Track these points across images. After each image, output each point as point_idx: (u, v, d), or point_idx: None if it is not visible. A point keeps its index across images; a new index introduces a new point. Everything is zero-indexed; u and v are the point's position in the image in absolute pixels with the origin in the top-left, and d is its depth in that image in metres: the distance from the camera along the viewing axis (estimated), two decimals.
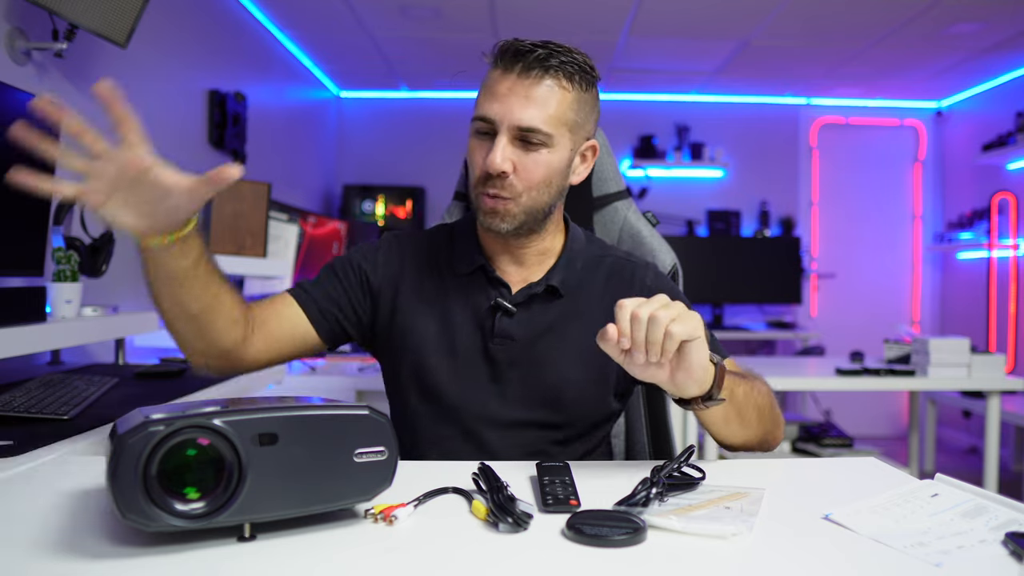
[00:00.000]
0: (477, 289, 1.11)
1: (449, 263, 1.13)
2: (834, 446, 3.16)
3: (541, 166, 1.02)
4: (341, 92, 5.00)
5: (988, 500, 0.78)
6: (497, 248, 1.11)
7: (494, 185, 1.01)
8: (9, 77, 1.78)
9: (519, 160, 1.01)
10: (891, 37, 3.75)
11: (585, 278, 1.13)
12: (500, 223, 1.03)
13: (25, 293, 1.64)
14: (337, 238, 3.89)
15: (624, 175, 5.04)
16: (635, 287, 1.13)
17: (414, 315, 1.11)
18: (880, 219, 5.19)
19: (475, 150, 1.03)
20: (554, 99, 1.00)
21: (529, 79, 0.99)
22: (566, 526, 0.69)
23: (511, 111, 0.98)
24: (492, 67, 1.02)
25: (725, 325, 4.75)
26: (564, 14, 3.53)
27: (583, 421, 1.11)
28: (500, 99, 0.99)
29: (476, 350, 1.08)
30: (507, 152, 0.99)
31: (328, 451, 0.69)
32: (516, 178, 1.01)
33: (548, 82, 0.99)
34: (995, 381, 2.82)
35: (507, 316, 1.08)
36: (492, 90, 1.00)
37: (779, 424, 1.05)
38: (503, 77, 1.00)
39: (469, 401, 1.08)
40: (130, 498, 0.62)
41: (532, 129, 0.99)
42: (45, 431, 1.16)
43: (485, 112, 1.00)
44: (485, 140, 1.02)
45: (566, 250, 1.13)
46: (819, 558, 0.66)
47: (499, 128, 0.99)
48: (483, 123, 1.01)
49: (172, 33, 2.69)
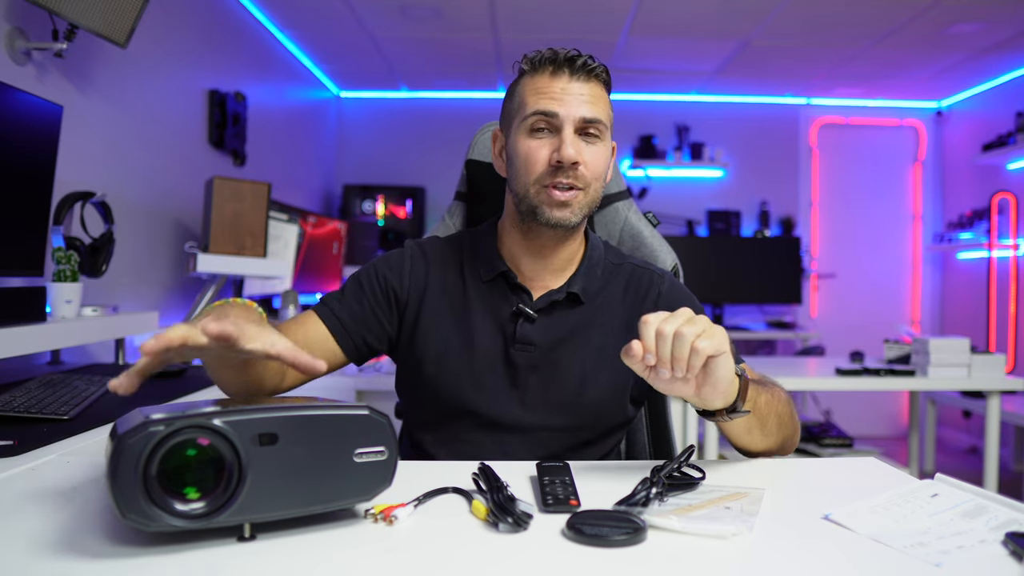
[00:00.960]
0: (499, 295, 1.12)
1: (472, 269, 1.14)
2: (834, 446, 3.16)
3: (601, 156, 1.06)
4: (341, 92, 5.00)
5: (988, 500, 0.78)
6: (526, 254, 1.12)
7: (567, 176, 1.03)
8: (9, 77, 1.78)
9: (583, 152, 1.04)
10: (891, 37, 3.75)
11: (605, 286, 1.15)
12: (571, 215, 1.05)
13: (25, 293, 1.65)
14: (337, 238, 3.89)
15: (624, 175, 5.05)
16: (651, 295, 1.15)
17: (436, 321, 1.12)
18: (880, 219, 5.19)
19: (535, 147, 1.04)
20: (601, 97, 1.06)
21: (580, 80, 1.04)
22: (566, 526, 0.69)
23: (574, 105, 1.03)
24: (534, 73, 1.06)
25: (725, 325, 4.73)
26: (564, 14, 3.53)
27: (601, 426, 1.12)
28: (559, 97, 1.03)
29: (497, 355, 1.09)
30: (577, 144, 1.03)
31: (328, 451, 0.69)
32: (584, 168, 1.04)
33: (595, 83, 1.06)
34: (995, 381, 2.82)
35: (528, 322, 1.10)
36: (546, 90, 1.04)
37: (797, 429, 1.06)
38: (554, 79, 1.04)
39: (489, 406, 1.08)
40: (130, 498, 0.62)
41: (595, 120, 1.04)
42: (45, 431, 1.17)
43: (546, 107, 1.03)
44: (544, 137, 1.04)
45: (586, 257, 1.14)
46: (819, 558, 0.66)
47: (563, 122, 1.03)
48: (543, 118, 1.04)
49: (172, 33, 2.69)
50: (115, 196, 2.17)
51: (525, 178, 1.05)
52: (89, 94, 2.19)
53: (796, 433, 1.06)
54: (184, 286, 2.82)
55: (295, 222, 3.18)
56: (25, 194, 1.70)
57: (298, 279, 3.30)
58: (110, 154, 2.31)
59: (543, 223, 1.06)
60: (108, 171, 2.28)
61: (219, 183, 2.43)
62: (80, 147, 2.10)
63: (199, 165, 2.92)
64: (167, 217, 2.70)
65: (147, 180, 2.54)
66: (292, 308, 2.43)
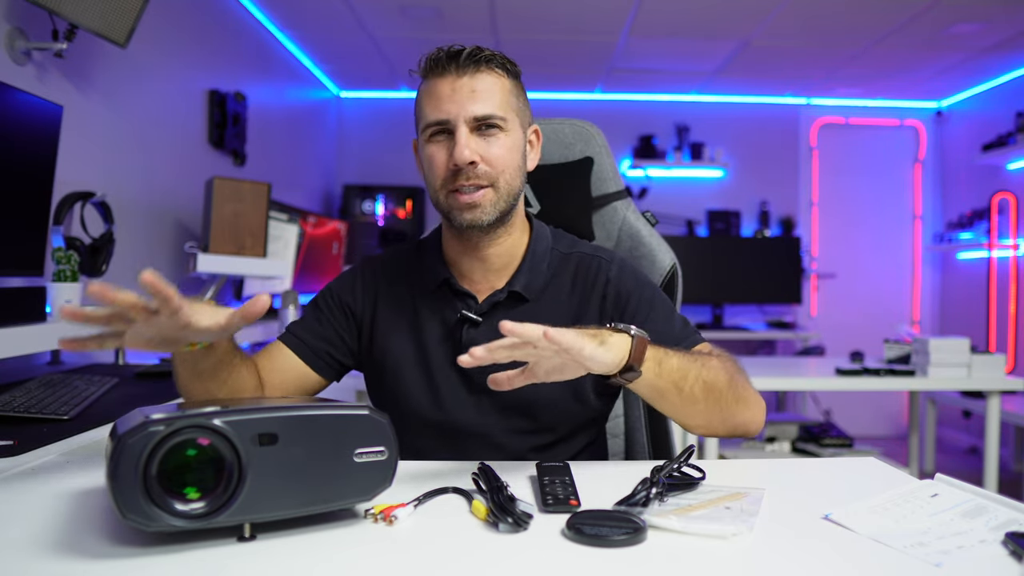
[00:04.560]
0: (444, 303, 1.12)
1: (418, 279, 1.15)
2: (834, 446, 3.16)
3: (504, 149, 1.04)
4: (341, 92, 5.00)
5: (988, 500, 0.78)
6: (463, 257, 1.11)
7: (466, 178, 1.02)
8: (9, 77, 1.78)
9: (482, 150, 1.02)
10: (891, 37, 3.75)
11: (551, 279, 1.13)
12: (481, 215, 1.03)
13: (25, 293, 1.65)
14: (337, 238, 3.89)
15: (624, 175, 5.04)
16: (599, 282, 1.12)
17: (390, 335, 1.13)
18: (880, 219, 5.19)
19: (434, 155, 1.04)
20: (496, 87, 1.04)
21: (467, 75, 1.02)
22: (566, 526, 0.69)
23: (462, 106, 1.01)
24: (426, 78, 1.05)
25: (725, 325, 4.75)
26: (564, 14, 3.52)
27: (563, 425, 1.10)
28: (447, 99, 1.02)
29: (448, 364, 1.09)
30: (470, 143, 1.01)
31: (328, 451, 0.69)
32: (485, 166, 1.02)
33: (484, 74, 1.03)
34: (995, 381, 2.82)
35: (473, 327, 1.09)
36: (435, 95, 1.03)
37: (746, 402, 1.00)
38: (441, 81, 1.03)
39: (447, 416, 1.09)
40: (130, 498, 0.62)
41: (487, 116, 1.02)
42: (45, 431, 1.16)
43: (436, 116, 1.02)
44: (442, 142, 1.04)
45: (529, 252, 1.12)
46: (819, 558, 0.66)
47: (455, 125, 1.01)
48: (436, 127, 1.03)
49: (172, 33, 2.69)
50: (115, 196, 2.17)
51: (434, 184, 1.06)
52: (89, 94, 2.19)
53: (746, 407, 1.00)
54: (184, 286, 2.82)
55: (295, 222, 3.18)
56: (25, 194, 1.70)
57: (298, 279, 3.30)
58: (110, 154, 2.31)
59: (457, 227, 1.06)
60: (108, 171, 2.28)
61: (219, 183, 2.43)
62: (80, 147, 2.10)
63: (199, 165, 2.92)
64: (167, 217, 2.70)
65: (147, 180, 2.54)
66: (292, 308, 2.43)
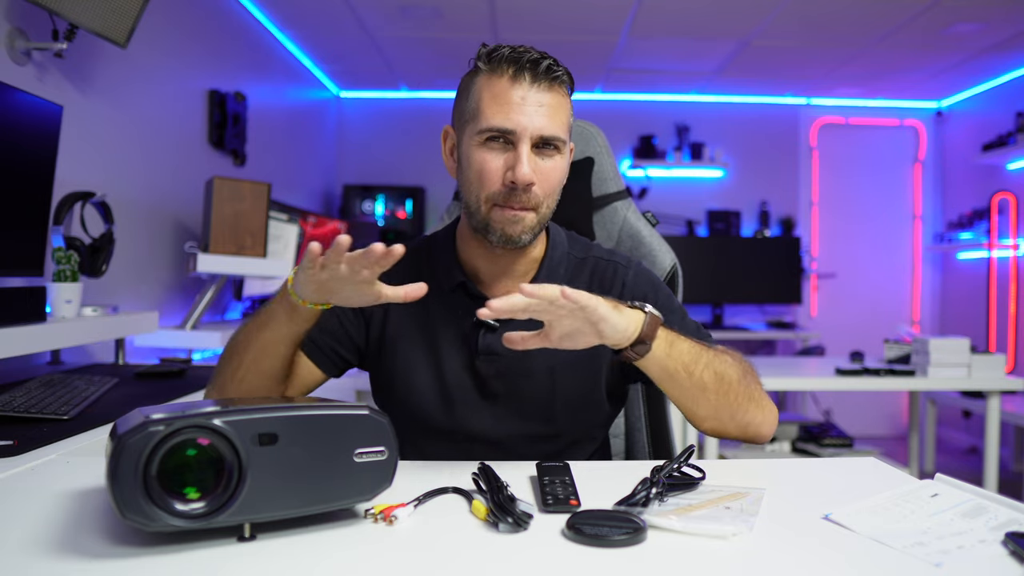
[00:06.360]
0: (460, 306, 1.09)
1: (432, 281, 1.12)
2: (834, 446, 3.16)
3: (557, 172, 1.02)
4: (341, 92, 5.00)
5: (988, 500, 0.78)
6: (482, 261, 1.09)
7: (519, 198, 0.98)
8: (9, 77, 1.78)
9: (539, 171, 0.99)
10: (891, 37, 3.75)
11: (568, 283, 1.11)
12: (520, 234, 1.01)
13: (25, 293, 1.65)
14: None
15: (624, 175, 5.04)
16: (616, 288, 1.11)
17: (402, 337, 1.10)
18: (880, 219, 5.19)
19: (487, 162, 0.99)
20: (562, 107, 1.01)
21: (541, 89, 0.98)
22: (566, 526, 0.69)
23: (532, 121, 0.97)
24: (492, 74, 1.00)
25: (725, 325, 4.75)
26: (564, 14, 3.52)
27: (577, 429, 1.10)
28: (516, 109, 0.97)
29: (463, 368, 1.07)
30: (531, 162, 0.98)
31: (328, 451, 0.69)
32: (539, 188, 0.99)
33: (556, 90, 1.00)
34: (995, 381, 2.82)
35: (490, 331, 1.07)
36: (503, 100, 0.98)
37: (757, 403, 0.99)
38: (514, 85, 0.98)
39: (459, 420, 1.07)
40: (130, 498, 0.62)
41: (553, 137, 0.99)
42: (45, 431, 1.17)
43: (501, 123, 0.97)
44: (498, 150, 0.99)
45: (547, 258, 1.10)
46: (819, 558, 0.66)
47: (519, 138, 0.97)
48: (496, 133, 0.98)
49: (172, 33, 2.69)
50: (115, 196, 2.17)
51: (477, 192, 1.01)
52: (89, 94, 2.19)
53: (757, 407, 0.99)
54: (184, 286, 2.82)
55: (295, 222, 3.18)
56: (25, 194, 1.70)
57: None
58: (110, 154, 2.31)
59: (493, 241, 1.02)
60: (108, 171, 2.28)
61: (219, 183, 2.43)
62: (80, 147, 2.10)
63: (199, 165, 2.92)
64: (167, 217, 2.70)
65: (147, 180, 2.54)
66: None
